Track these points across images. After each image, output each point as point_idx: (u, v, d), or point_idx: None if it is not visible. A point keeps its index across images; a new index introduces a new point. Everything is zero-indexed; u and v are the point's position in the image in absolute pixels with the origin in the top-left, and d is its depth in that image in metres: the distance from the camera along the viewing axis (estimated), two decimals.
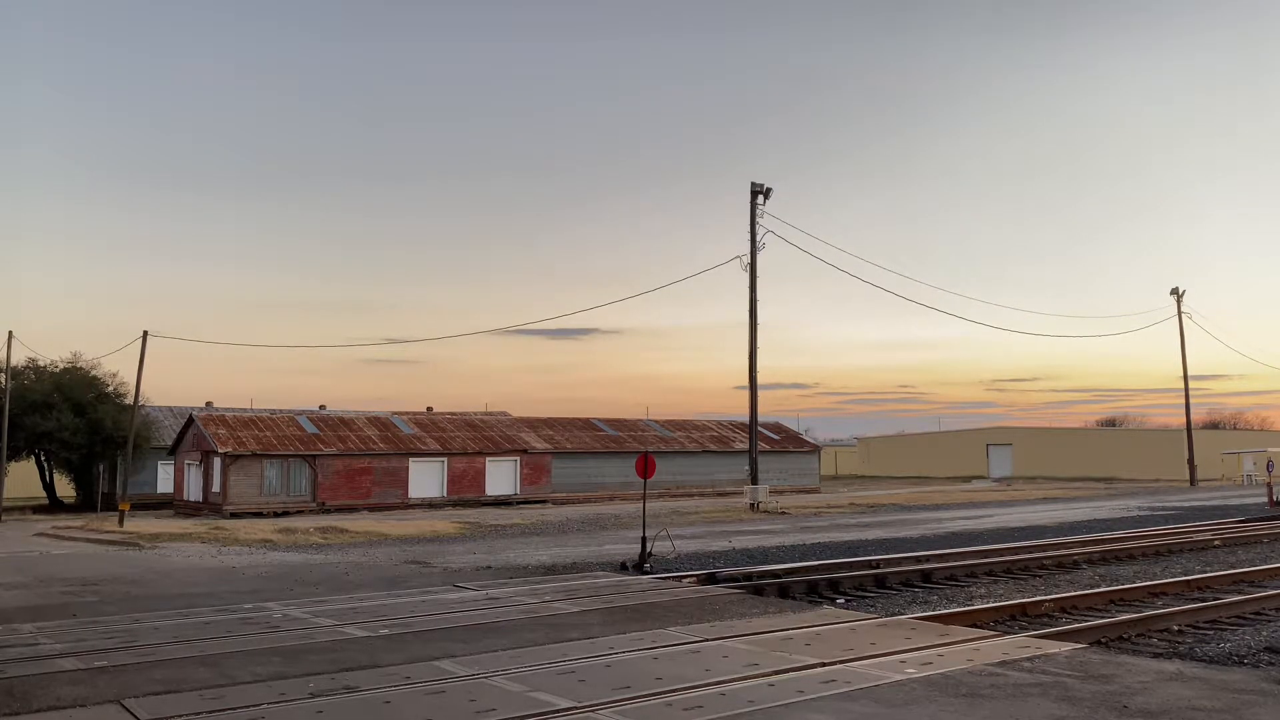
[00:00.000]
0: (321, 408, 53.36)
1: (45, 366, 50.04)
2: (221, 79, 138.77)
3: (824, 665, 8.67)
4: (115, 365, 69.52)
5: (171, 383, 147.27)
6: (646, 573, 16.15)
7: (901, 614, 12.15)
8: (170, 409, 55.67)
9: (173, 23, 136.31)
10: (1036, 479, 71.80)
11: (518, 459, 48.73)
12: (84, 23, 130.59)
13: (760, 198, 37.74)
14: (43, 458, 49.49)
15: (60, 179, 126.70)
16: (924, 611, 12.29)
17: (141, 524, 32.54)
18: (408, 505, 44.39)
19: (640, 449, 46.79)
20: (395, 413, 50.72)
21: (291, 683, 8.17)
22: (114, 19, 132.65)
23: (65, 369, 50.02)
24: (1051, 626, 11.22)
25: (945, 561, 17.50)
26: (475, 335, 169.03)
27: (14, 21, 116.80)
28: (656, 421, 61.02)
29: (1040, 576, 16.44)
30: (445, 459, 46.74)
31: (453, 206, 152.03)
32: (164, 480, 50.79)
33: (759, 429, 40.28)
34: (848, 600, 13.88)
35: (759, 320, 37.49)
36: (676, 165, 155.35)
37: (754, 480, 37.72)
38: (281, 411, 48.56)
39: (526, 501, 47.61)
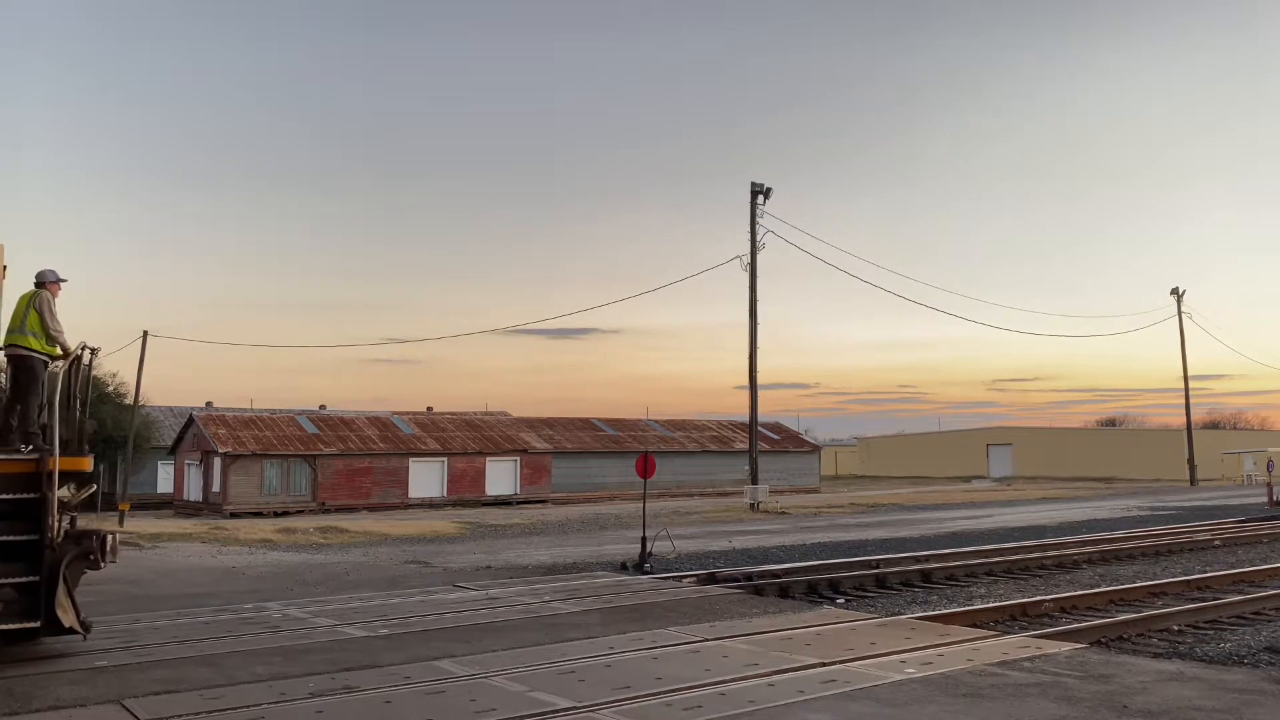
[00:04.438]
0: (321, 408, 53.46)
1: None
2: (222, 77, 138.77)
3: (824, 665, 8.66)
4: (115, 365, 69.39)
5: (171, 383, 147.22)
6: (646, 573, 16.14)
7: (901, 614, 12.15)
8: (170, 409, 55.73)
9: (172, 21, 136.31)
10: (1037, 479, 71.84)
11: (518, 459, 48.75)
12: (84, 21, 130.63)
13: (760, 198, 37.78)
14: None
15: (60, 178, 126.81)
16: (924, 611, 12.28)
17: (141, 524, 32.53)
18: (408, 505, 44.41)
19: (640, 449, 46.79)
20: (395, 413, 50.76)
21: (291, 683, 8.17)
22: (114, 17, 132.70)
23: None
24: (1051, 626, 11.21)
25: (945, 561, 17.50)
26: (475, 335, 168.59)
27: (13, 20, 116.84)
28: (656, 421, 61.04)
29: (1040, 576, 16.43)
30: (445, 459, 46.76)
31: (453, 206, 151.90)
32: (164, 480, 50.82)
33: (759, 429, 40.30)
34: (848, 600, 13.87)
35: (759, 320, 37.59)
36: (676, 165, 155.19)
37: (754, 480, 37.73)
38: (281, 411, 48.61)
39: (526, 501, 47.62)
